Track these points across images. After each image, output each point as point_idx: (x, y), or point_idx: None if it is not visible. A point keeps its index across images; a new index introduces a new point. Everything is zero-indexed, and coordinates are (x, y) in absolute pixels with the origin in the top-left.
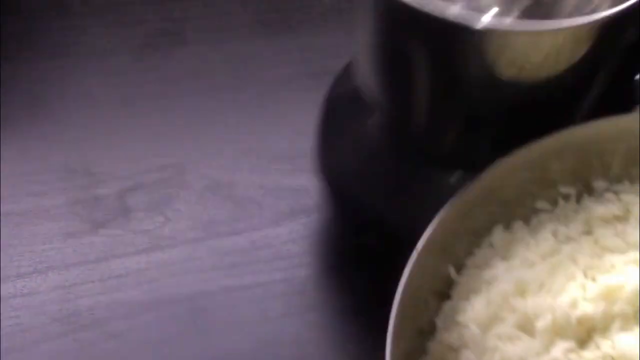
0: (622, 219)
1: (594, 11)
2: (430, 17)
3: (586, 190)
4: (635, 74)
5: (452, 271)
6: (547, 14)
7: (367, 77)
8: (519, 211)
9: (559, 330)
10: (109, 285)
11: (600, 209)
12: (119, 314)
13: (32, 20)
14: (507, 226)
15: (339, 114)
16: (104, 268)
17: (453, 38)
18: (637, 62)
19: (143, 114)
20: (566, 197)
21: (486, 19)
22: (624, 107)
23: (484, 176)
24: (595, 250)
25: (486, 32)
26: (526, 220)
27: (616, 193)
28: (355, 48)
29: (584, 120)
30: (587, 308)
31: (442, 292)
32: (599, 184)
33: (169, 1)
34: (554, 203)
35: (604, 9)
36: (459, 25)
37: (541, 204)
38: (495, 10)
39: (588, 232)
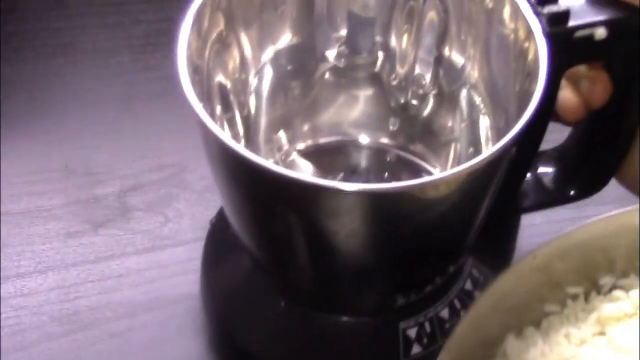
0: (633, 316)
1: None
2: (290, 181)
3: (593, 287)
4: (519, 184)
5: None
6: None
7: (235, 225)
8: (529, 316)
9: None
10: (109, 285)
11: (610, 308)
12: (119, 314)
13: (32, 20)
14: (519, 333)
15: (221, 249)
16: (104, 268)
17: (311, 200)
18: (519, 175)
19: (143, 114)
20: (574, 297)
21: (351, 186)
22: (511, 215)
23: (494, 286)
24: (610, 351)
25: (351, 195)
26: (537, 325)
27: (624, 289)
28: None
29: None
30: None
31: None
32: (606, 280)
33: (169, 1)
34: (563, 304)
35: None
36: (318, 189)
37: (550, 307)
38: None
39: (601, 332)
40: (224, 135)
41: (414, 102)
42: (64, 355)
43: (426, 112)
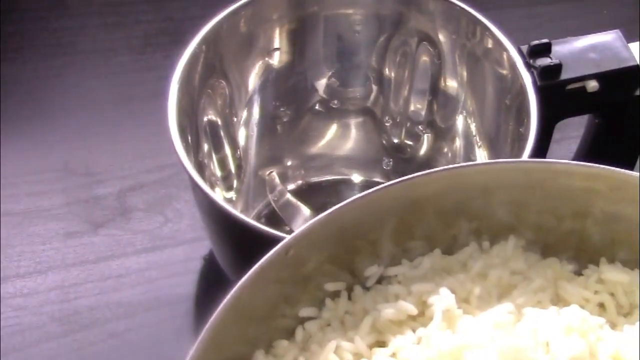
0: (420, 317)
1: None
2: (274, 238)
3: (356, 280)
4: None
5: None
6: None
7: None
8: (279, 324)
9: None
10: (108, 285)
11: (388, 310)
12: (118, 314)
13: (32, 20)
14: (269, 349)
15: (213, 285)
16: (104, 268)
17: None
18: None
19: (143, 114)
20: (334, 296)
21: None
22: None
23: (234, 292)
24: None
25: None
26: (290, 336)
27: (402, 281)
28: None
29: None
30: None
31: None
32: (372, 271)
33: (169, 1)
34: (321, 306)
35: None
36: None
37: (305, 311)
38: None
39: (380, 342)
40: (217, 196)
41: (409, 142)
42: (64, 355)
43: (421, 152)
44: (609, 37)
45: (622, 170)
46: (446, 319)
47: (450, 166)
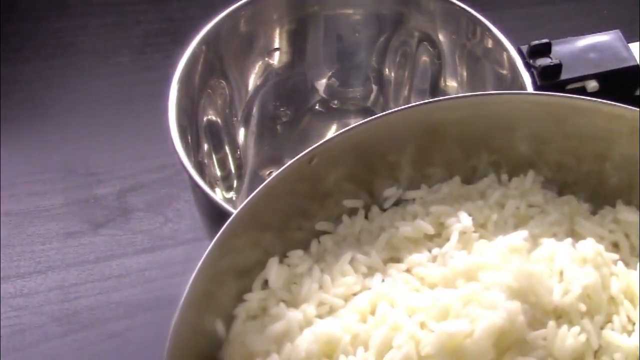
0: (436, 238)
1: None
2: None
3: (374, 200)
4: None
5: (219, 326)
6: None
7: None
8: (295, 236)
9: None
10: (108, 285)
11: (405, 227)
12: (118, 314)
13: (32, 20)
14: (283, 258)
15: None
16: (104, 268)
17: None
18: None
19: (143, 114)
20: (352, 213)
21: None
22: None
23: (251, 198)
24: (413, 284)
25: None
26: (305, 247)
27: (419, 204)
28: None
29: None
30: None
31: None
32: (390, 192)
33: (169, 1)
34: (337, 221)
35: None
36: None
37: (322, 225)
38: None
39: (396, 258)
40: (217, 196)
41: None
42: (64, 355)
43: None
44: (609, 37)
45: None
46: (462, 240)
47: (474, 93)
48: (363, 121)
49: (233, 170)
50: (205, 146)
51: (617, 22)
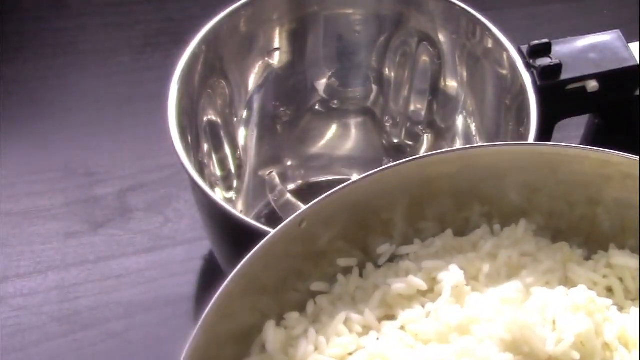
0: (429, 293)
1: None
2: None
3: (369, 259)
4: None
5: None
6: None
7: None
8: (291, 298)
9: None
10: (108, 285)
11: (399, 285)
12: (118, 314)
13: (32, 20)
14: (280, 320)
15: (214, 286)
16: (104, 268)
17: None
18: None
19: (143, 114)
20: (346, 271)
21: None
22: None
23: (245, 262)
24: (407, 341)
25: None
26: (301, 309)
27: (412, 259)
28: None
29: None
30: None
31: None
32: (384, 249)
33: (169, 1)
34: (333, 281)
35: None
36: None
37: (317, 285)
38: None
39: (389, 316)
40: (217, 196)
41: (409, 142)
42: (64, 355)
43: (421, 152)
44: (609, 37)
45: (635, 156)
46: (455, 294)
47: (462, 147)
48: (352, 180)
49: (233, 170)
50: (205, 146)
51: (617, 22)
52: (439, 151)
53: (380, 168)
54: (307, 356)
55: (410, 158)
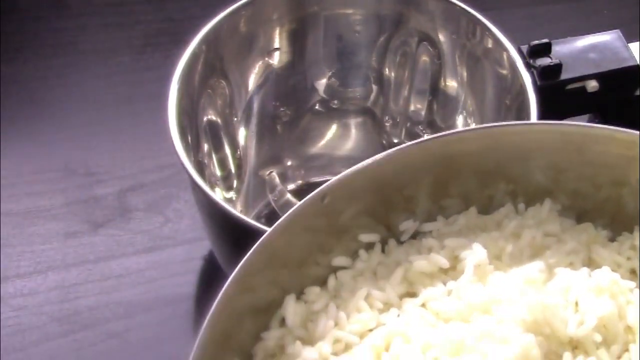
0: (451, 271)
1: None
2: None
3: (391, 235)
4: None
5: None
6: None
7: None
8: (312, 272)
9: None
10: (108, 285)
11: (420, 262)
12: (118, 314)
13: (32, 20)
14: (300, 295)
15: (214, 285)
16: (104, 268)
17: None
18: None
19: (143, 114)
20: (369, 247)
21: None
22: None
23: (266, 236)
24: (428, 319)
25: None
26: (322, 284)
27: (435, 237)
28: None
29: None
30: None
31: None
32: (407, 226)
33: (169, 1)
34: (354, 256)
35: None
36: None
37: (338, 260)
38: None
39: (411, 293)
40: (217, 196)
41: (409, 141)
42: (64, 355)
43: None
44: (609, 37)
45: None
46: (477, 273)
47: (487, 125)
48: (377, 156)
49: (233, 170)
50: (205, 146)
51: (617, 22)
52: (463, 129)
53: (404, 145)
54: (326, 331)
55: (434, 135)
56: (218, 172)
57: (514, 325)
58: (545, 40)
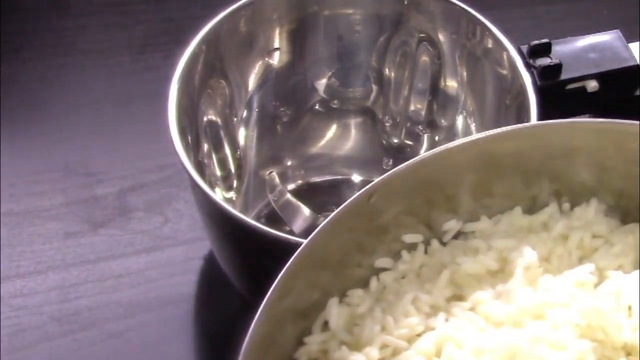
0: (500, 274)
1: None
2: (278, 240)
3: (433, 234)
4: None
5: None
6: None
7: (225, 269)
8: (354, 274)
9: None
10: (108, 285)
11: (469, 263)
12: (118, 314)
13: (32, 20)
14: (343, 297)
15: (213, 285)
16: (104, 268)
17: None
18: None
19: (143, 114)
20: (411, 248)
21: None
22: None
23: (311, 238)
24: (478, 323)
25: None
26: (364, 285)
27: (477, 235)
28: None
29: None
30: None
31: None
32: (450, 226)
33: (169, 1)
34: (397, 257)
35: None
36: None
37: (381, 262)
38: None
39: (459, 296)
40: (217, 197)
41: (409, 142)
42: (64, 355)
43: (421, 152)
44: (609, 37)
45: None
46: (527, 276)
47: (533, 123)
48: (422, 156)
49: (233, 170)
50: (205, 146)
51: (617, 22)
52: (506, 128)
53: (448, 145)
54: (373, 336)
55: (478, 135)
56: (218, 172)
57: (568, 330)
58: (545, 40)
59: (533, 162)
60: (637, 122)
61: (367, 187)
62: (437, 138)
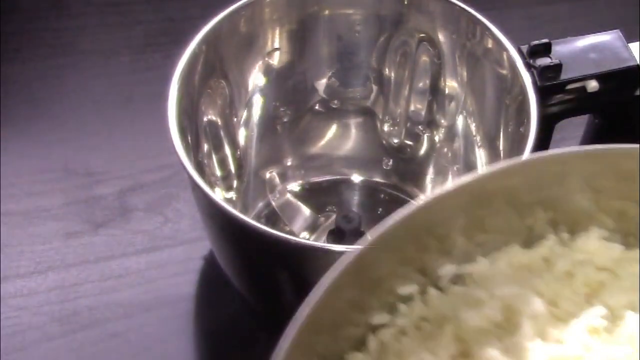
0: (505, 323)
1: None
2: (279, 241)
3: (428, 280)
4: None
5: None
6: None
7: (225, 270)
8: (350, 334)
9: None
10: (108, 285)
11: (471, 317)
12: (118, 314)
13: (32, 20)
14: None
15: (213, 285)
16: (104, 268)
17: (303, 258)
18: None
19: (143, 114)
20: (407, 300)
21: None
22: None
23: (307, 300)
24: None
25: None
26: (361, 347)
27: (478, 280)
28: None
29: None
30: None
31: None
32: (446, 270)
33: (169, 1)
34: (393, 311)
35: None
36: (307, 248)
37: (377, 318)
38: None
39: (464, 353)
40: (217, 197)
41: (409, 142)
42: (64, 355)
43: (421, 152)
44: (609, 37)
45: None
46: (535, 326)
47: (518, 160)
48: (414, 204)
49: (233, 170)
50: (205, 146)
51: (617, 22)
52: (495, 166)
53: (438, 192)
54: None
55: (468, 177)
56: (218, 172)
57: None
58: (545, 40)
59: (525, 195)
60: (632, 144)
61: (360, 243)
62: (437, 138)
